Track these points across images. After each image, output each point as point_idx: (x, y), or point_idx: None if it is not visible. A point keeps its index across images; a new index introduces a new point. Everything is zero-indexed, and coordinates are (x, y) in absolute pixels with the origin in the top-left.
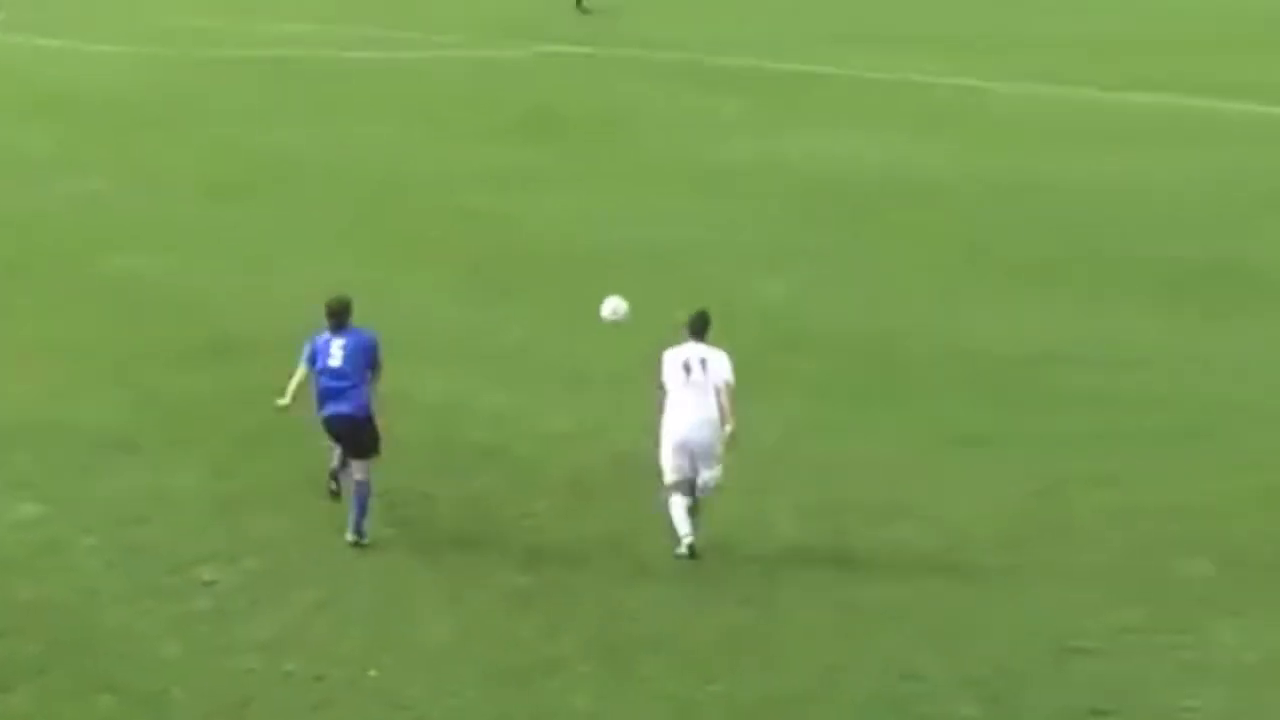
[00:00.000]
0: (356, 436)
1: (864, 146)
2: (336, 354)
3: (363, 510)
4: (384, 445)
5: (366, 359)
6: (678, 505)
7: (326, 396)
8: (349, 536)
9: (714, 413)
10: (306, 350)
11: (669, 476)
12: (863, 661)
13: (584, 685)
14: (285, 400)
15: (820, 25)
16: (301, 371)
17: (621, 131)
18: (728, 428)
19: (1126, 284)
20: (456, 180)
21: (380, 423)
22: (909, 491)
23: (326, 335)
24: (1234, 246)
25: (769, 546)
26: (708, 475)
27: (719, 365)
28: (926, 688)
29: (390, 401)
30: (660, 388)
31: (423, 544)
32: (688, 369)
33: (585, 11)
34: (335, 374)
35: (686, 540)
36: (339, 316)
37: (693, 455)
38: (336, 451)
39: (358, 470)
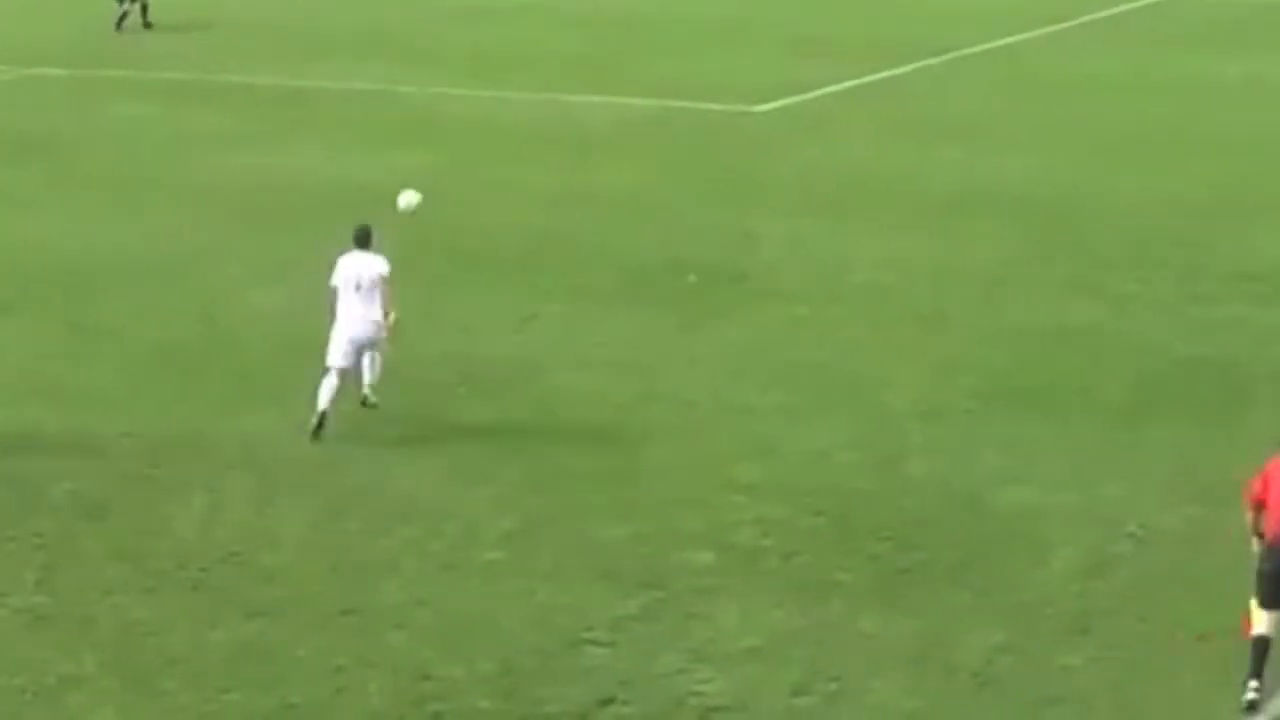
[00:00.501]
0: None
1: (355, 158)
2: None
3: None
4: None
5: None
6: (328, 385)
7: None
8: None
9: (378, 313)
10: None
11: (334, 361)
12: (376, 665)
13: (106, 701)
14: None
15: (314, 40)
16: None
17: (114, 150)
18: (392, 316)
19: (604, 286)
20: None
21: None
22: (413, 492)
23: None
24: (693, 246)
25: (279, 556)
26: (372, 358)
27: (378, 268)
28: (441, 686)
29: None
30: (332, 289)
31: None
32: (358, 283)
33: (121, 31)
34: None
35: (321, 409)
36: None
37: (360, 347)
38: None
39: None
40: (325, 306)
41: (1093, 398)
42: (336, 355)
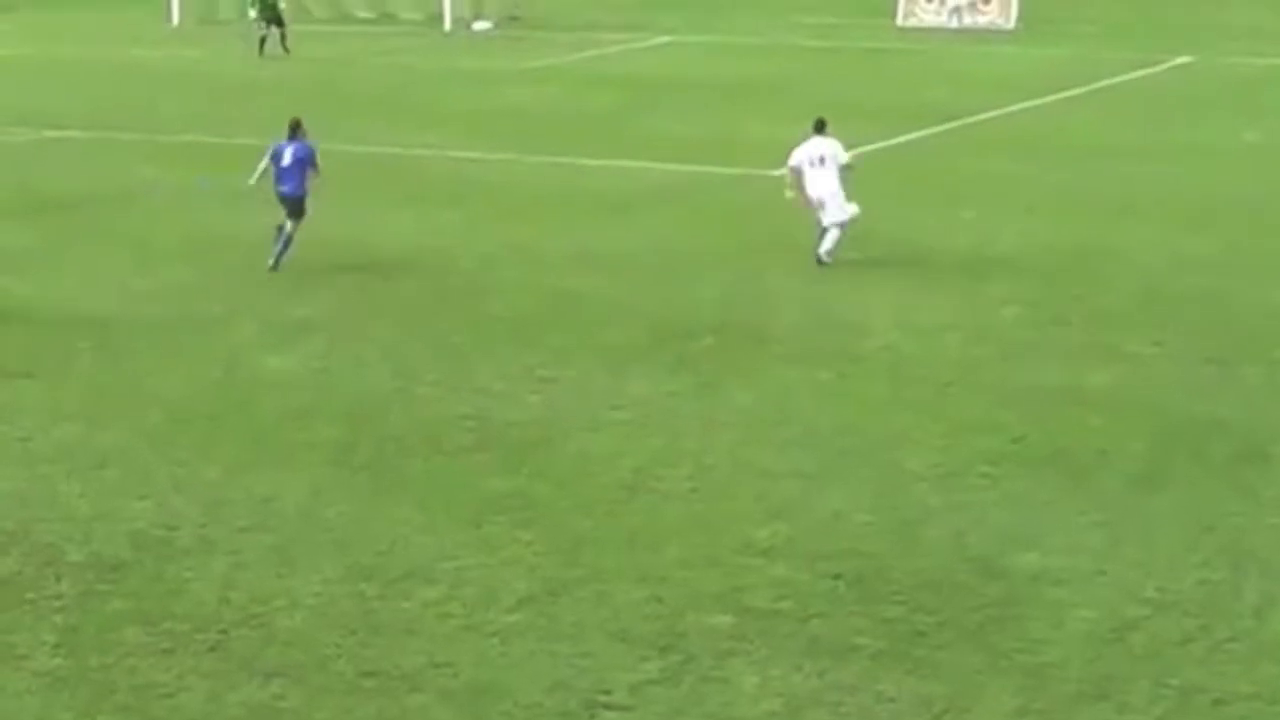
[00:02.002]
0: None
1: (371, 219)
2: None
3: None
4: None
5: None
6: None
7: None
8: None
9: (837, 183)
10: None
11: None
12: None
13: None
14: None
15: (329, 103)
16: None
17: (131, 212)
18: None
19: (622, 348)
20: None
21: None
22: (431, 555)
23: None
24: (712, 308)
25: (298, 619)
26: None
27: (838, 151)
28: None
29: None
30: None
31: None
32: (819, 160)
33: (262, 55)
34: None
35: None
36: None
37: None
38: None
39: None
40: (339, 371)
41: (1110, 459)
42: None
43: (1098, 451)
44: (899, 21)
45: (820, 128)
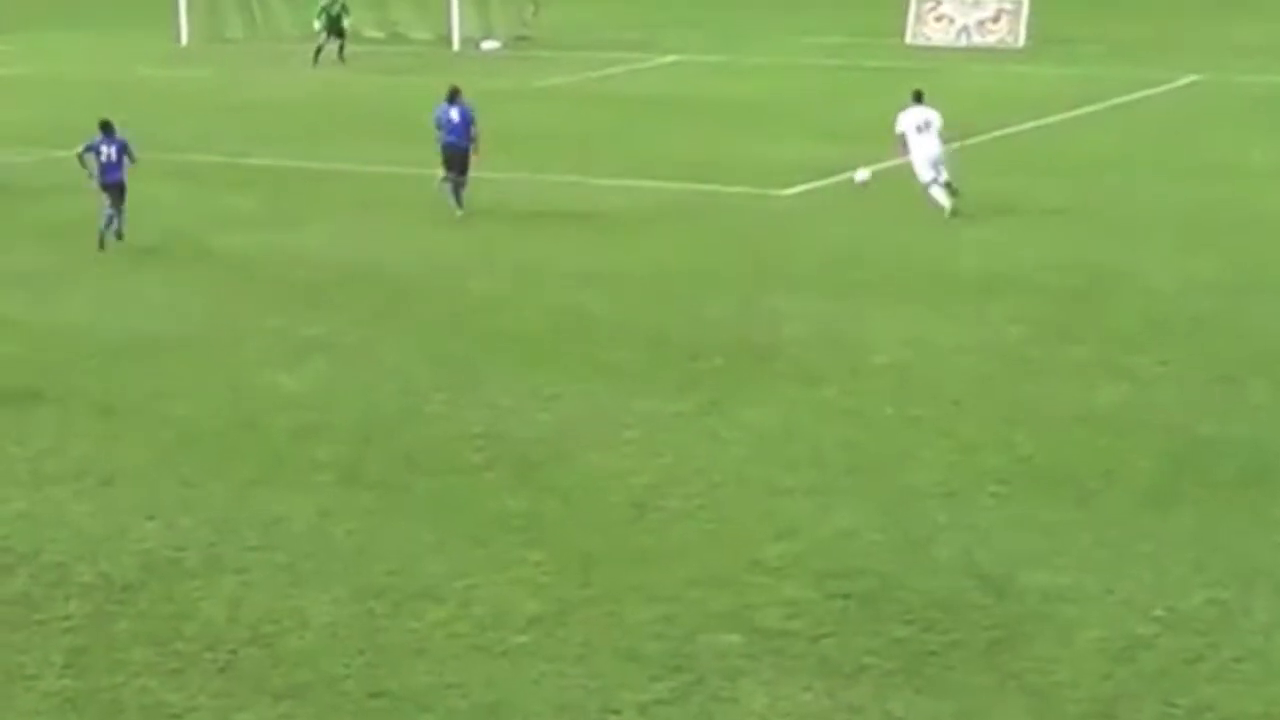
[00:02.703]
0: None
1: (379, 238)
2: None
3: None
4: None
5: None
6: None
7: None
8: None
9: (940, 146)
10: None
11: (926, 176)
12: None
13: None
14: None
15: (338, 123)
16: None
17: (140, 232)
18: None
19: (629, 366)
20: None
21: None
22: (440, 574)
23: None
24: (718, 327)
25: (307, 639)
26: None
27: (937, 118)
28: None
29: None
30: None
31: None
32: (925, 125)
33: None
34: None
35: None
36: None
37: (936, 164)
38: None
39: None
40: (348, 389)
41: (1117, 479)
42: None
43: (1106, 471)
44: (907, 40)
45: (919, 98)
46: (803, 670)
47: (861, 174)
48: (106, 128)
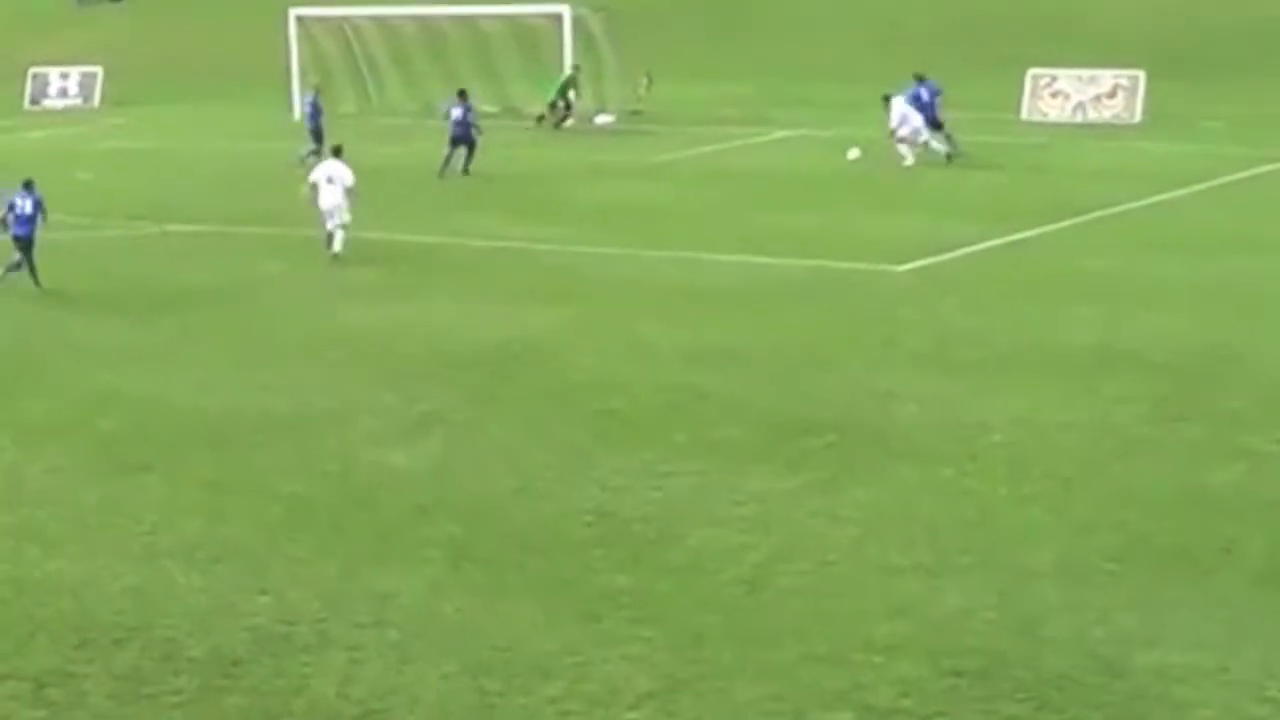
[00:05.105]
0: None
1: (490, 313)
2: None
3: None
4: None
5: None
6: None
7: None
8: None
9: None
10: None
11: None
12: None
13: None
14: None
15: (448, 198)
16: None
17: (249, 305)
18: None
19: (741, 443)
20: (89, 357)
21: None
22: (551, 651)
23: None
24: (830, 405)
25: (418, 715)
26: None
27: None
28: None
29: (24, 585)
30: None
31: None
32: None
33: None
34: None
35: None
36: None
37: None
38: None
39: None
40: (459, 466)
41: (1232, 558)
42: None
43: (1220, 549)
44: (1023, 116)
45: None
46: None
47: (853, 152)
48: (29, 185)
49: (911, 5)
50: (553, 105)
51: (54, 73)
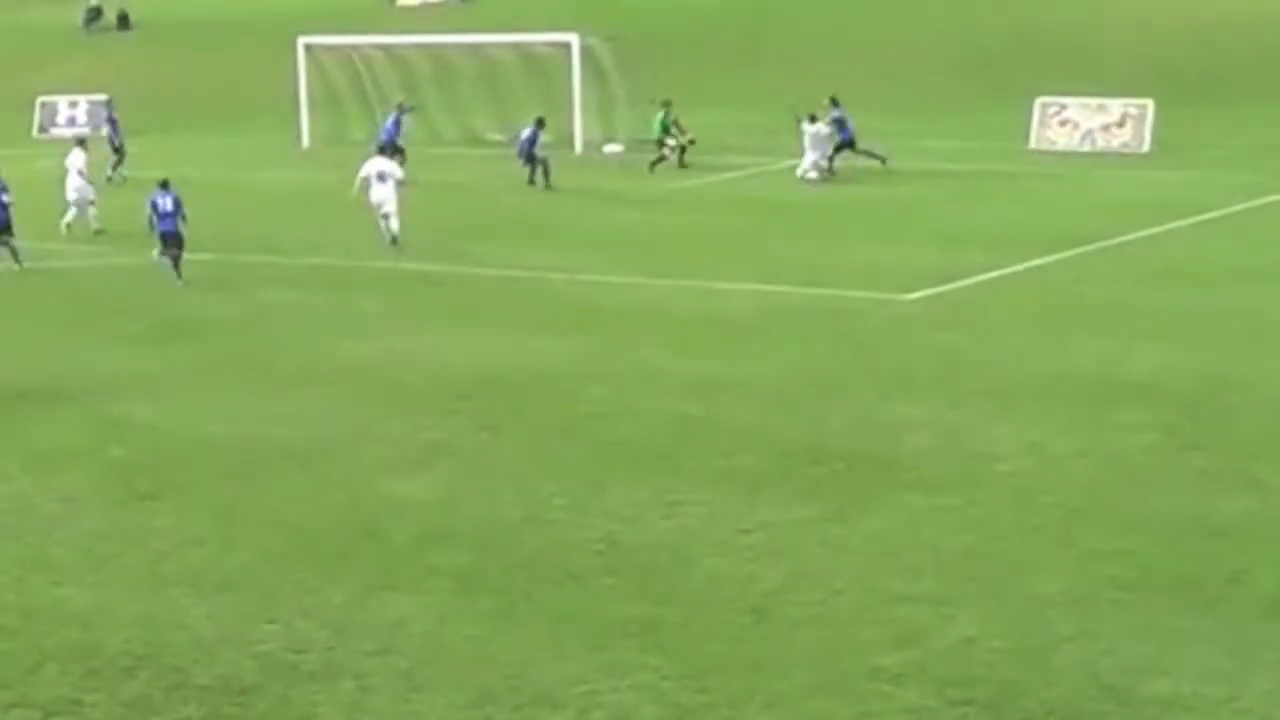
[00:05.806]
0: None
1: (499, 342)
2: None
3: None
4: None
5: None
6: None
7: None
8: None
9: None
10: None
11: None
12: None
13: None
14: None
15: (459, 227)
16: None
17: (257, 335)
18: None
19: (750, 472)
20: (99, 385)
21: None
22: (559, 680)
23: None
24: (839, 434)
25: None
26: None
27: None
28: None
29: (33, 613)
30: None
31: None
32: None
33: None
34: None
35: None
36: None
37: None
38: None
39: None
40: (467, 495)
41: (1241, 587)
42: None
43: (1229, 579)
44: (1030, 145)
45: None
46: None
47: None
48: (164, 184)
49: (921, 35)
50: (659, 142)
51: (62, 101)
